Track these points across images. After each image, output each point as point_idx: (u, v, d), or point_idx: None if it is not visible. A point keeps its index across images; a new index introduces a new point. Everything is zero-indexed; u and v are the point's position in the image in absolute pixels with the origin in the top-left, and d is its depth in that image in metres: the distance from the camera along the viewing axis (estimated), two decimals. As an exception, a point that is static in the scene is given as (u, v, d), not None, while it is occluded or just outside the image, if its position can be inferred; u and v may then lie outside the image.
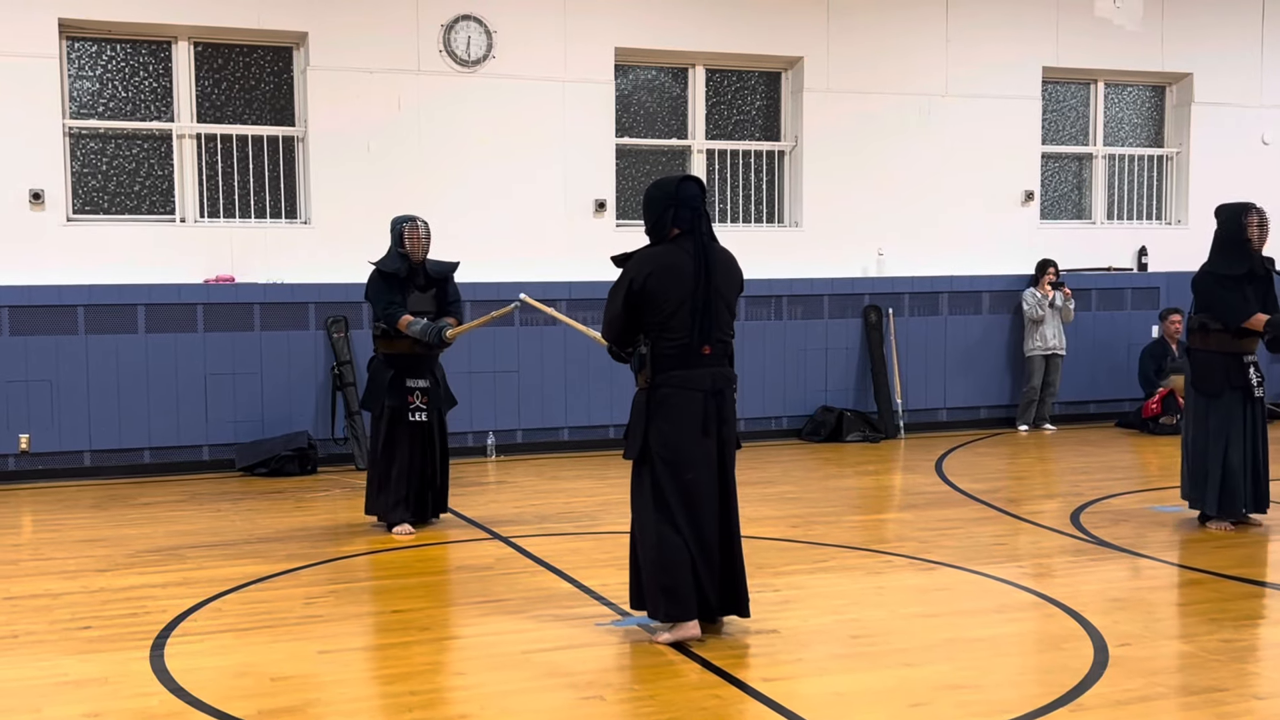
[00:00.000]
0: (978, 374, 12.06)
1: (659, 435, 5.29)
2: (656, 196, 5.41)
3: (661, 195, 5.39)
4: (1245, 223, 7.31)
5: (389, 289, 7.48)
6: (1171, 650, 5.20)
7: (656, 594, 5.29)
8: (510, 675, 4.93)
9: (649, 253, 5.36)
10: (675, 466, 5.28)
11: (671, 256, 5.29)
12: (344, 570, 6.71)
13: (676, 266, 5.26)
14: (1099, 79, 12.78)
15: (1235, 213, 7.40)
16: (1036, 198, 12.36)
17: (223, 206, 10.17)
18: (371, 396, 7.59)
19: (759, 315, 11.34)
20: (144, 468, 9.75)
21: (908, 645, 5.26)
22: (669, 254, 5.30)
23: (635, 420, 5.38)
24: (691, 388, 5.30)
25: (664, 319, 5.25)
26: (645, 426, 5.31)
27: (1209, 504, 7.38)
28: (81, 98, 9.91)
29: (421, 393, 7.50)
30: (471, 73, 10.54)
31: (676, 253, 5.30)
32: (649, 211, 5.42)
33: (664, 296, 5.23)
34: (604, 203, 10.92)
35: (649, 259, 5.32)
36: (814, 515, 8.06)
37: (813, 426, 11.39)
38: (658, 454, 5.29)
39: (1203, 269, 7.49)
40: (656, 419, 5.30)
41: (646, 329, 5.31)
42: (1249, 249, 7.32)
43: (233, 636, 5.45)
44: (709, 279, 5.28)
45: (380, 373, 7.53)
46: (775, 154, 11.77)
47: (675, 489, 5.28)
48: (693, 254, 5.28)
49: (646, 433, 5.31)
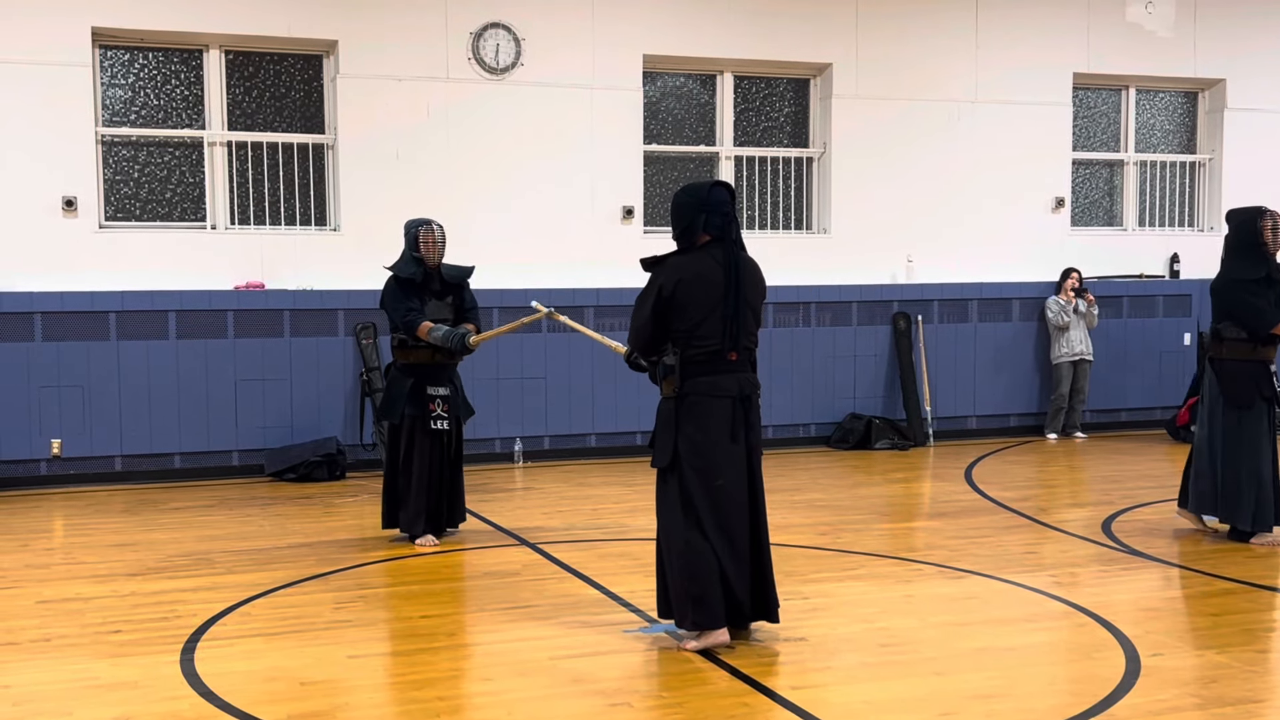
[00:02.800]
0: (1007, 381, 11.99)
1: (688, 442, 5.27)
2: (686, 202, 5.38)
3: (692, 201, 5.36)
4: (1260, 226, 7.20)
5: (406, 296, 7.31)
6: (1205, 661, 5.14)
7: (685, 602, 5.26)
8: (537, 681, 4.93)
9: (679, 260, 5.33)
10: (705, 473, 5.25)
11: (701, 264, 5.27)
12: (372, 575, 6.73)
13: (706, 274, 5.25)
14: (1130, 85, 12.69)
15: (1250, 217, 7.29)
16: (1067, 204, 12.29)
17: (253, 213, 10.23)
18: (390, 406, 7.41)
19: (787, 322, 11.31)
20: (174, 473, 9.81)
21: (937, 654, 5.22)
22: (698, 261, 5.29)
23: (663, 428, 5.35)
24: (720, 394, 5.28)
25: (692, 326, 5.23)
26: (675, 434, 5.29)
27: (1243, 519, 7.22)
28: (114, 105, 9.99)
29: (442, 400, 7.35)
30: (500, 80, 10.57)
31: (706, 260, 5.28)
32: (678, 217, 5.39)
33: (694, 304, 5.21)
34: (632, 209, 10.93)
35: (679, 266, 5.30)
36: (843, 523, 8.02)
37: (841, 434, 11.35)
38: (687, 461, 5.26)
39: (1222, 275, 7.38)
40: (686, 426, 5.28)
41: (674, 337, 5.29)
42: (1265, 252, 7.21)
43: (262, 641, 5.47)
44: (738, 287, 5.25)
45: (399, 382, 7.37)
46: (804, 160, 11.74)
47: (704, 496, 5.25)
48: (722, 262, 5.26)
49: (676, 440, 5.28)
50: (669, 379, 5.32)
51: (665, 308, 5.25)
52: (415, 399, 7.32)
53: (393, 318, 7.41)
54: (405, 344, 7.36)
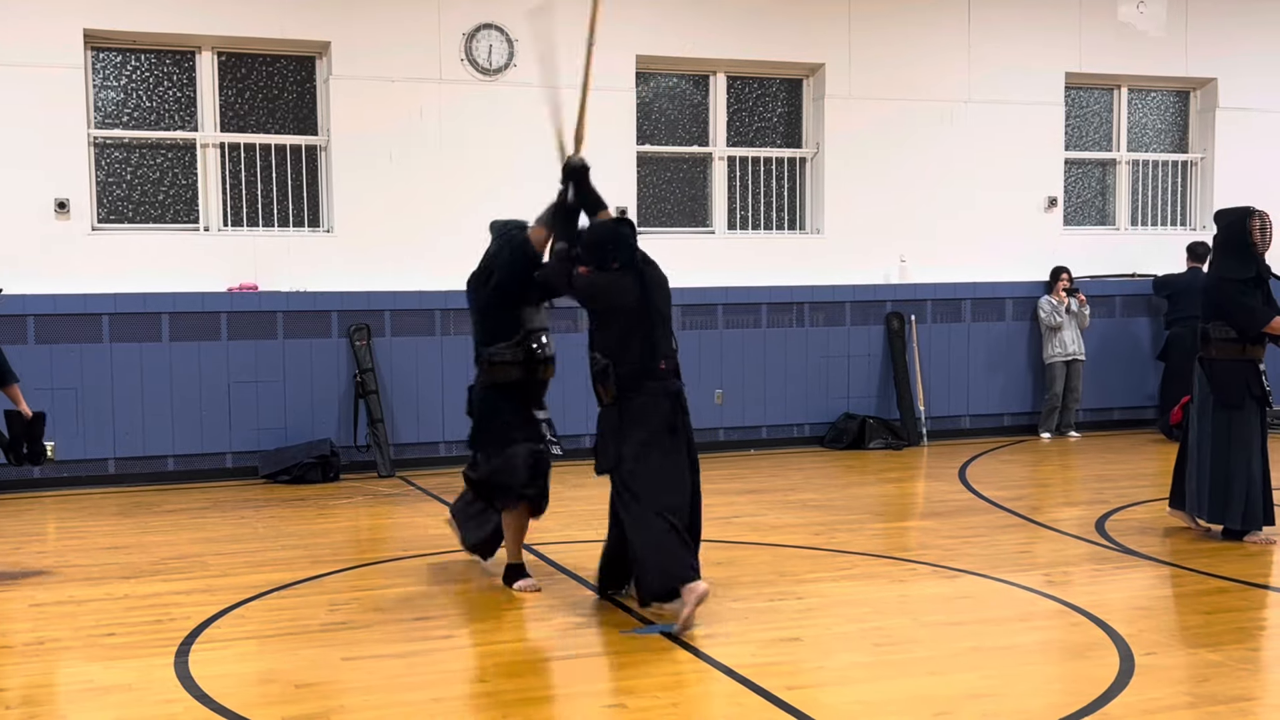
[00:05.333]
0: (1001, 381, 12.01)
1: (631, 440, 5.76)
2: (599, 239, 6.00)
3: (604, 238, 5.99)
4: (1249, 226, 7.21)
5: None
6: (1198, 659, 5.16)
7: (657, 574, 5.58)
8: (533, 682, 4.93)
9: (596, 277, 5.92)
10: (646, 461, 5.74)
11: (616, 282, 5.88)
12: (367, 577, 6.73)
13: (620, 286, 5.86)
14: (1122, 84, 12.71)
15: (1239, 216, 7.30)
16: (1060, 204, 12.31)
17: (246, 215, 10.22)
18: (494, 440, 6.26)
19: (781, 322, 11.32)
20: (168, 475, 9.79)
21: (932, 654, 5.23)
22: (614, 280, 5.89)
23: (607, 433, 5.85)
24: (658, 394, 5.82)
25: (618, 341, 5.79)
26: (620, 437, 5.78)
27: (1233, 518, 7.22)
28: (106, 107, 9.98)
29: (548, 424, 6.38)
30: (493, 81, 10.57)
31: (621, 280, 5.88)
32: (594, 251, 5.94)
33: (608, 309, 5.83)
34: (625, 210, 10.91)
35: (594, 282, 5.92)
36: (837, 523, 8.03)
37: (835, 434, 11.36)
38: (631, 456, 5.75)
39: (1213, 275, 7.39)
40: (628, 426, 5.77)
41: (603, 348, 5.80)
42: (1254, 252, 7.22)
43: (256, 643, 5.47)
44: (649, 302, 5.87)
45: (500, 408, 6.25)
46: (797, 161, 11.75)
47: (647, 477, 5.72)
48: (634, 283, 5.87)
49: (621, 443, 5.77)
50: (608, 387, 5.82)
51: (577, 294, 5.97)
52: (529, 427, 6.26)
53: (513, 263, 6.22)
54: (503, 358, 6.23)
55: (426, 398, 10.36)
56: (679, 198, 11.46)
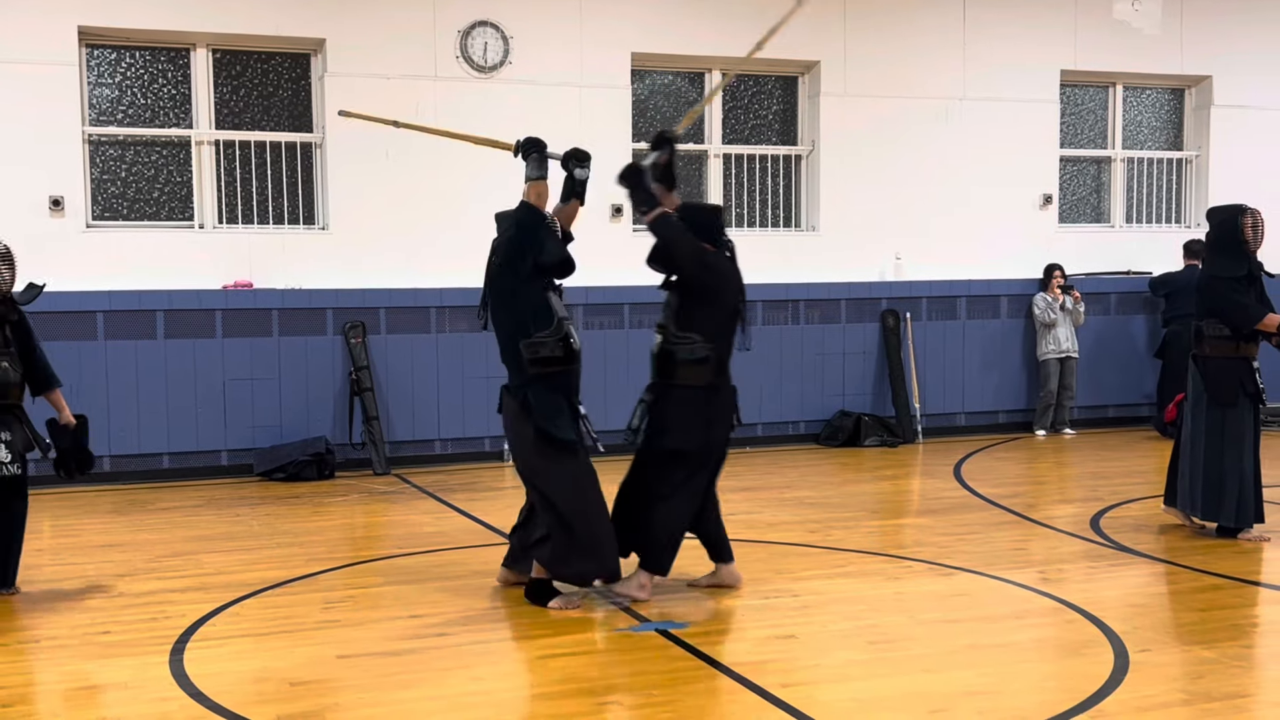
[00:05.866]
0: (996, 378, 12.02)
1: (718, 431, 6.12)
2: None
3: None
4: (1241, 224, 7.21)
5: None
6: (1193, 656, 5.17)
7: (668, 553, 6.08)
8: (527, 680, 4.93)
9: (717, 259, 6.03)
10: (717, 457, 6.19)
11: (725, 264, 6.05)
12: (362, 575, 6.72)
13: (730, 271, 6.05)
14: (1118, 82, 12.72)
15: (1231, 214, 7.30)
16: (1055, 201, 12.32)
17: (241, 213, 10.21)
18: (559, 431, 5.89)
19: (776, 319, 11.32)
20: (162, 473, 9.78)
21: (927, 651, 5.24)
22: (724, 262, 6.06)
23: (692, 413, 5.99)
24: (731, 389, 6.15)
25: (719, 327, 5.98)
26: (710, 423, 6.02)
27: (1226, 515, 7.22)
28: (101, 105, 9.96)
29: (586, 419, 6.10)
30: (488, 78, 10.56)
31: (729, 264, 6.08)
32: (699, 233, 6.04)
33: (719, 293, 6.00)
34: (620, 208, 10.92)
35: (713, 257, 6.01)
36: (832, 520, 8.03)
37: (830, 431, 11.36)
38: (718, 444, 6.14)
39: (1205, 273, 7.39)
40: (716, 413, 6.04)
41: (704, 331, 5.94)
42: (1246, 249, 7.23)
43: (251, 641, 5.46)
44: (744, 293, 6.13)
45: (548, 401, 5.89)
46: (792, 158, 11.75)
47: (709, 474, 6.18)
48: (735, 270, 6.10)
49: (711, 428, 6.01)
50: (701, 367, 5.90)
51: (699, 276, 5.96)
52: (574, 420, 5.99)
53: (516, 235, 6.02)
54: (545, 352, 5.88)
55: (422, 395, 10.36)
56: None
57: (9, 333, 6.28)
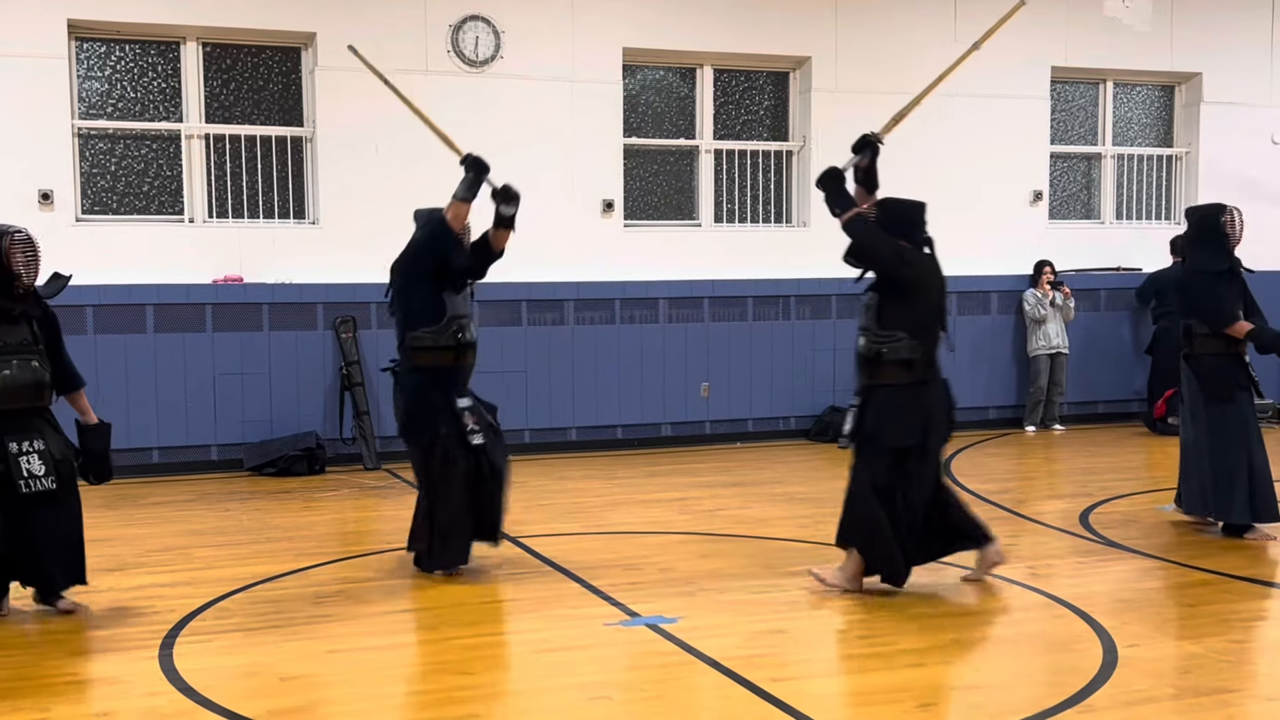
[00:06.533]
0: (986, 374, 12.04)
1: (935, 433, 6.01)
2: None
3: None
4: (1223, 220, 7.23)
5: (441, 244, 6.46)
6: (1181, 651, 5.19)
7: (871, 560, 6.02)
8: (518, 675, 4.94)
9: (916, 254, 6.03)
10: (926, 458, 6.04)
11: (925, 259, 6.06)
12: (352, 570, 6.72)
13: (931, 266, 6.07)
14: (1108, 78, 12.74)
15: (1212, 212, 7.31)
16: (1045, 197, 12.34)
17: (231, 207, 10.19)
18: (419, 424, 6.36)
19: (767, 315, 11.33)
20: (152, 467, 9.76)
21: (916, 646, 5.25)
22: (924, 257, 6.06)
23: (906, 410, 5.89)
24: (943, 384, 6.11)
25: (923, 323, 5.92)
26: (921, 421, 5.92)
27: (1239, 513, 7.12)
28: (90, 98, 9.93)
29: (470, 412, 6.39)
30: (479, 73, 10.55)
31: (929, 259, 6.09)
32: (899, 229, 6.10)
33: (923, 289, 5.99)
34: (611, 203, 10.92)
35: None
36: (822, 515, 8.03)
37: (821, 427, 11.37)
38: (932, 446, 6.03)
39: (1188, 269, 7.39)
40: (931, 412, 5.94)
41: (908, 327, 5.88)
42: (1228, 245, 7.24)
43: (241, 636, 5.46)
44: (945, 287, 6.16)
45: (425, 393, 6.36)
46: (783, 154, 11.75)
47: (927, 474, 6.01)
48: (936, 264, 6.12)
49: (928, 428, 5.92)
50: (908, 365, 5.85)
51: (899, 273, 5.95)
52: (447, 413, 6.33)
53: (428, 242, 6.47)
54: (425, 343, 6.37)
55: (412, 390, 10.34)
56: (665, 190, 11.45)
57: (36, 328, 5.78)
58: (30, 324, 5.75)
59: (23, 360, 5.66)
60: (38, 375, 5.71)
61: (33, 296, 5.79)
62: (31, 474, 5.58)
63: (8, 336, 5.64)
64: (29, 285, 5.71)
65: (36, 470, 5.61)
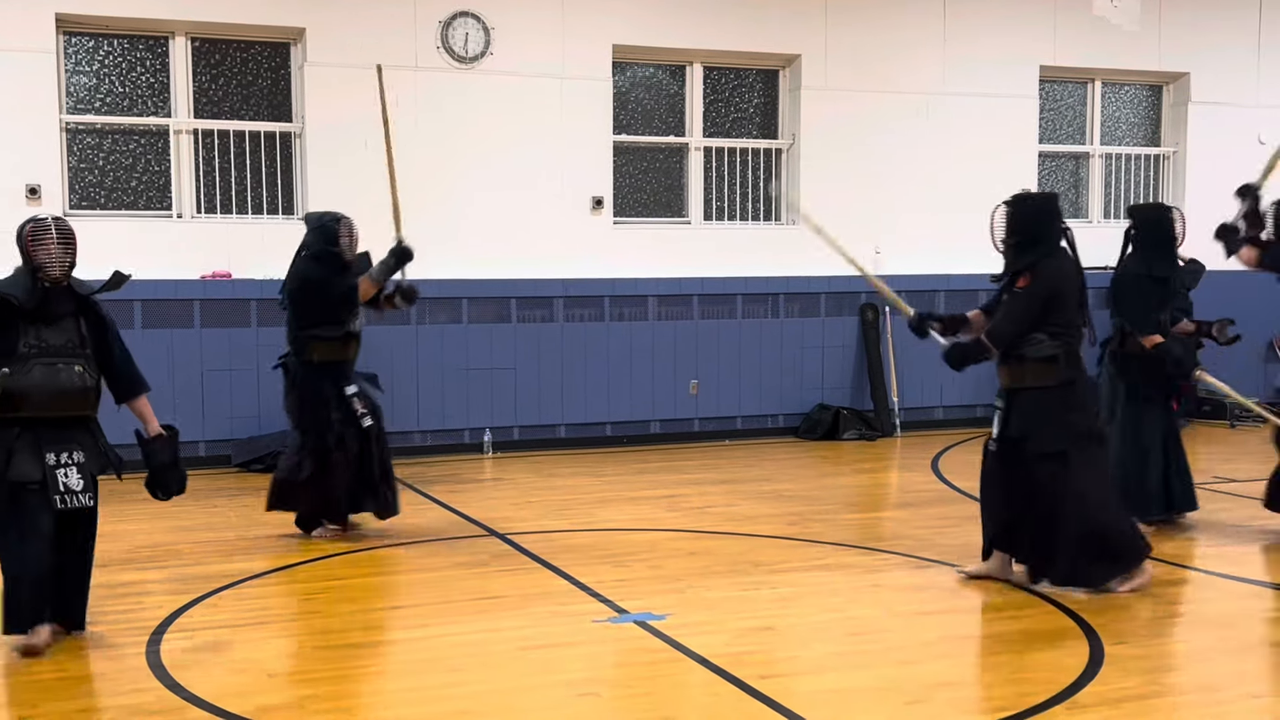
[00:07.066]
0: (974, 372, 11.93)
1: (1079, 428, 5.92)
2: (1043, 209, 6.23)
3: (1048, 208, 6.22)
4: (1171, 220, 7.27)
5: (334, 274, 7.15)
6: (1167, 648, 5.22)
7: (1105, 564, 5.93)
8: (506, 672, 4.94)
9: (1059, 266, 6.01)
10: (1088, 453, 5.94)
11: (1061, 261, 6.05)
12: (339, 567, 6.71)
13: (1068, 265, 6.07)
14: (1096, 78, 12.78)
15: (1163, 212, 7.35)
16: (1033, 196, 12.35)
17: (219, 202, 10.16)
18: (315, 415, 7.12)
19: (756, 313, 11.34)
20: (140, 463, 9.69)
21: (904, 643, 5.27)
22: (1060, 260, 6.05)
23: (1053, 413, 5.87)
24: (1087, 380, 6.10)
25: (1068, 321, 5.94)
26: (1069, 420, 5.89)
27: (1157, 508, 7.25)
28: (78, 93, 9.89)
29: (359, 397, 7.24)
30: (469, 69, 10.54)
31: (1064, 257, 6.07)
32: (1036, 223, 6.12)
33: (1070, 292, 5.99)
34: (601, 200, 10.92)
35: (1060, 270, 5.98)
36: (810, 513, 8.06)
37: (809, 424, 11.39)
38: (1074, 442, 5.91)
39: (1129, 270, 7.34)
40: (1077, 410, 5.92)
41: (1054, 329, 5.91)
42: (1174, 249, 7.27)
43: (229, 632, 5.45)
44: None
45: (318, 385, 7.10)
46: (772, 151, 11.77)
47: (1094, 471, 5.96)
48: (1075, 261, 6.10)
49: (1071, 427, 5.88)
50: (1052, 365, 5.87)
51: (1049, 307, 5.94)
52: (339, 402, 7.13)
53: (333, 295, 7.08)
54: (321, 339, 7.13)
55: (400, 387, 10.33)
56: (655, 188, 11.45)
57: (84, 329, 5.32)
58: (78, 324, 5.31)
59: (66, 363, 5.21)
60: (79, 381, 5.25)
61: (72, 293, 5.32)
62: (69, 489, 5.17)
63: (51, 337, 5.20)
64: (57, 279, 5.22)
65: (74, 485, 5.21)
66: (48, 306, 5.21)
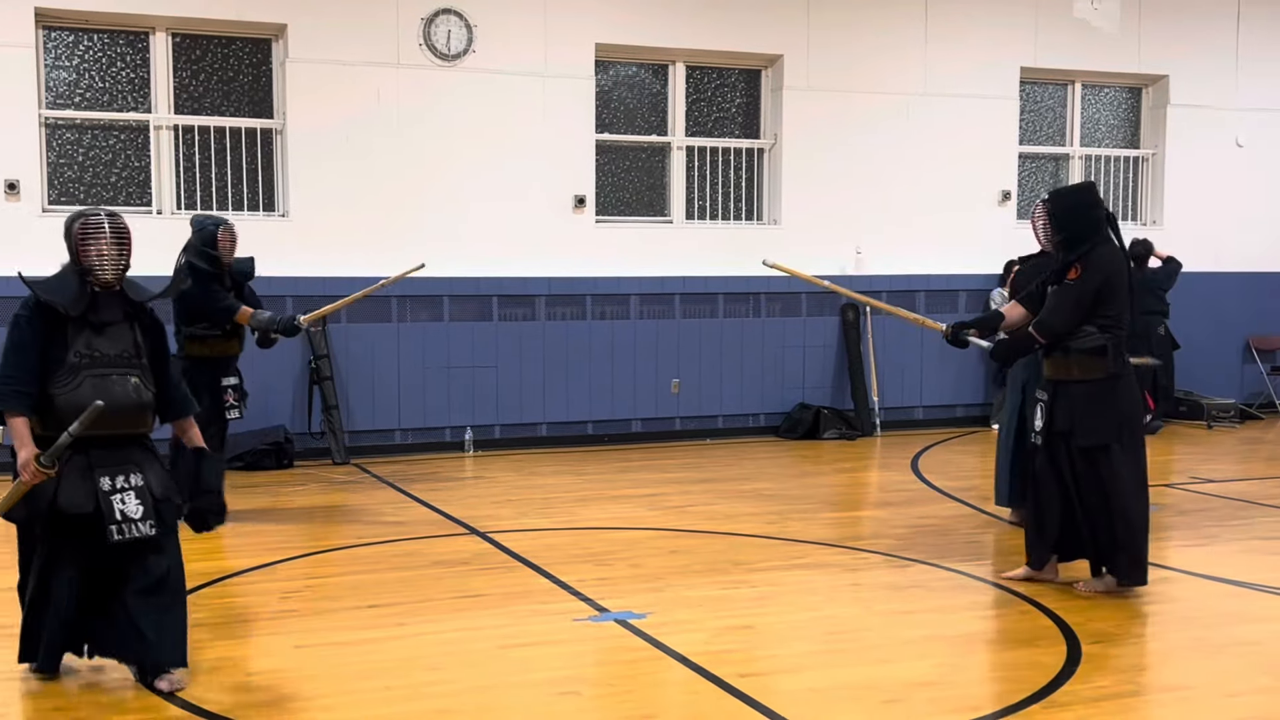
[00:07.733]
0: (953, 372, 12.12)
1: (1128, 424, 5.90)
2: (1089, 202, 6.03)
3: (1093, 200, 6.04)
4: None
5: (214, 285, 7.34)
6: (1144, 648, 5.25)
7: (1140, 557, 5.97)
8: (487, 670, 4.94)
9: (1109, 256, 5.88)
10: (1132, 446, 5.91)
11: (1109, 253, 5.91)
12: (320, 565, 6.70)
13: (1118, 256, 5.94)
14: (1076, 80, 12.84)
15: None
16: (1014, 197, 12.42)
17: (200, 199, 10.12)
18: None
19: (737, 313, 11.36)
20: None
21: (882, 642, 5.29)
22: (1108, 251, 5.90)
23: (1102, 405, 5.82)
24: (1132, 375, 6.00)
25: (1117, 316, 5.84)
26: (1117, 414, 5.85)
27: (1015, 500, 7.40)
28: (58, 88, 9.83)
29: (234, 390, 7.48)
30: (451, 67, 10.52)
31: (1112, 249, 5.93)
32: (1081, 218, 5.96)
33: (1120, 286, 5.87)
34: (584, 199, 10.92)
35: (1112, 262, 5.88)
36: (790, 512, 8.08)
37: (790, 424, 11.42)
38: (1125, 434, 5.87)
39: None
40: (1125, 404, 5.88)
41: (1102, 322, 5.82)
42: None
43: (208, 631, 5.43)
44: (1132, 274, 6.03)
45: (192, 376, 6.95)
46: (755, 151, 11.78)
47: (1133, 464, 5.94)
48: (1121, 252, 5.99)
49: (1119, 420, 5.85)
50: (1099, 357, 5.80)
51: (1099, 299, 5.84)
52: (211, 391, 7.31)
53: (209, 307, 7.33)
54: (199, 336, 7.39)
55: (382, 385, 10.33)
56: (637, 187, 11.46)
57: (139, 337, 4.77)
58: (133, 331, 4.75)
59: (120, 375, 4.65)
60: (140, 395, 4.70)
61: (124, 296, 4.77)
62: (126, 516, 4.55)
63: (105, 346, 4.64)
64: (109, 283, 4.67)
65: (132, 512, 4.57)
66: (97, 312, 4.65)
